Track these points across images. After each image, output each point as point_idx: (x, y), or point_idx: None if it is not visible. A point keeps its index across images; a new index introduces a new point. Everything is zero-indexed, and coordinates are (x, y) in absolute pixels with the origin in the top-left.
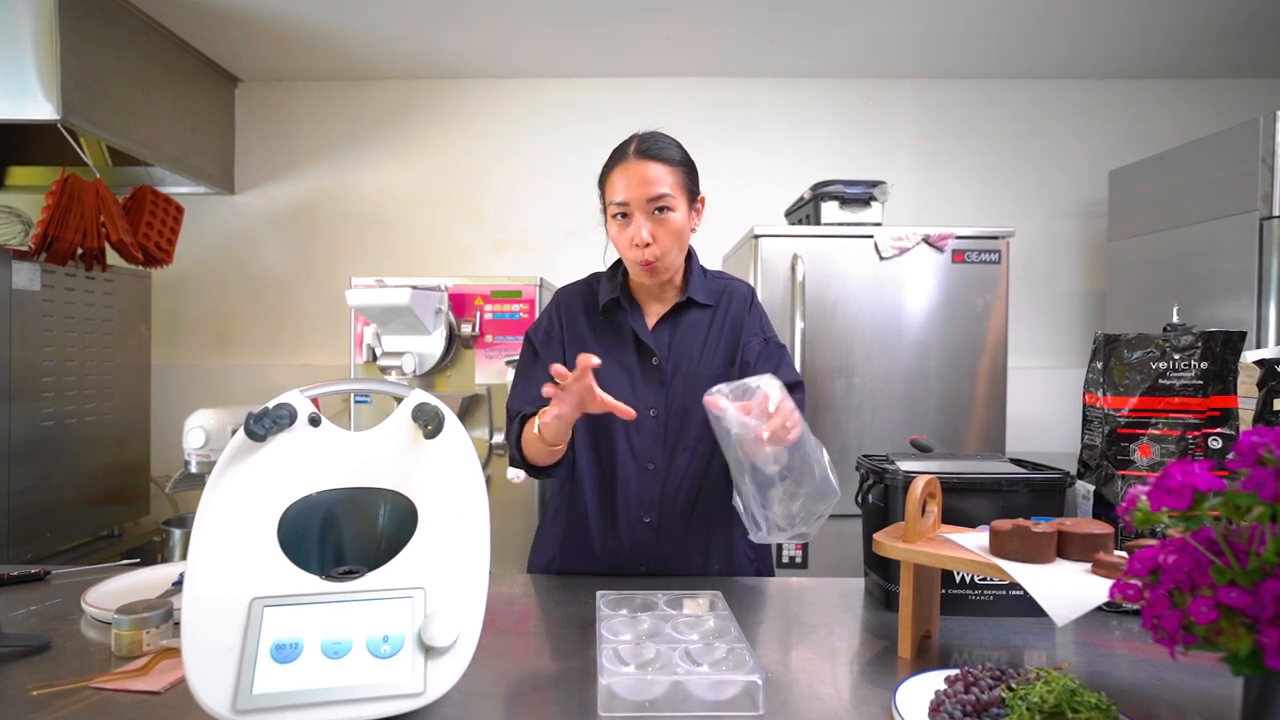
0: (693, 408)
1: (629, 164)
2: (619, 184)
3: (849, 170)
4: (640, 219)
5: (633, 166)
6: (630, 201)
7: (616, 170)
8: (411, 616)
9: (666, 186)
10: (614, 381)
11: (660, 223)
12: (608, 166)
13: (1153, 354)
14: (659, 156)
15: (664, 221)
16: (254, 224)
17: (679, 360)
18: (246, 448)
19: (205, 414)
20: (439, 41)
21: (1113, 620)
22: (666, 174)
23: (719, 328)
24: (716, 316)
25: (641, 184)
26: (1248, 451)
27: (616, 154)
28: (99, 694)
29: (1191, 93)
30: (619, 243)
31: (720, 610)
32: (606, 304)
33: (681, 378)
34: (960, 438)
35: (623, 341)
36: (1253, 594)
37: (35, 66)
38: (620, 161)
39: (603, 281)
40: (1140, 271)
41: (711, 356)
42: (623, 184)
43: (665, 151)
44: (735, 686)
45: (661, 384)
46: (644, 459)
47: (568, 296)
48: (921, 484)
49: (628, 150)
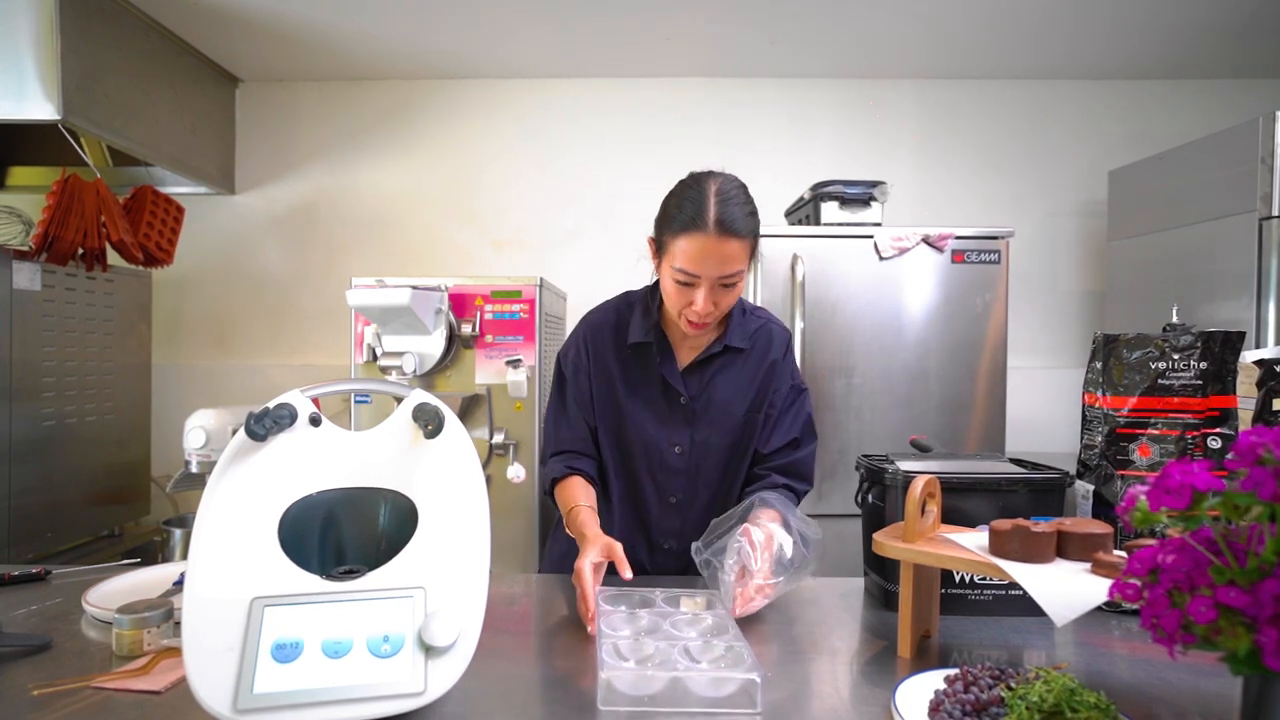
0: (716, 446)
1: (707, 239)
2: (690, 255)
3: (849, 170)
4: (705, 291)
5: (711, 242)
6: (701, 276)
7: (690, 238)
8: (412, 616)
9: (740, 263)
10: (640, 418)
11: (725, 293)
12: (678, 225)
13: (1152, 354)
14: (738, 232)
15: (729, 292)
16: (254, 224)
17: (708, 401)
18: (247, 448)
19: (205, 414)
20: (439, 41)
21: (1112, 620)
22: (741, 250)
23: (751, 371)
24: (750, 360)
25: (718, 264)
26: (1247, 451)
27: (691, 217)
28: (100, 693)
29: (1191, 93)
30: (674, 300)
31: (717, 609)
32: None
33: (708, 418)
34: (960, 438)
35: (651, 380)
36: (1251, 594)
37: (35, 66)
38: (696, 230)
39: (636, 316)
40: (1140, 271)
41: (740, 399)
42: (696, 257)
43: (744, 224)
44: (734, 684)
45: (688, 423)
46: (667, 492)
47: (596, 330)
48: (921, 484)
49: (706, 220)
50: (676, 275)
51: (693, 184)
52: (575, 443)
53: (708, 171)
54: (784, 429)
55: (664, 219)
